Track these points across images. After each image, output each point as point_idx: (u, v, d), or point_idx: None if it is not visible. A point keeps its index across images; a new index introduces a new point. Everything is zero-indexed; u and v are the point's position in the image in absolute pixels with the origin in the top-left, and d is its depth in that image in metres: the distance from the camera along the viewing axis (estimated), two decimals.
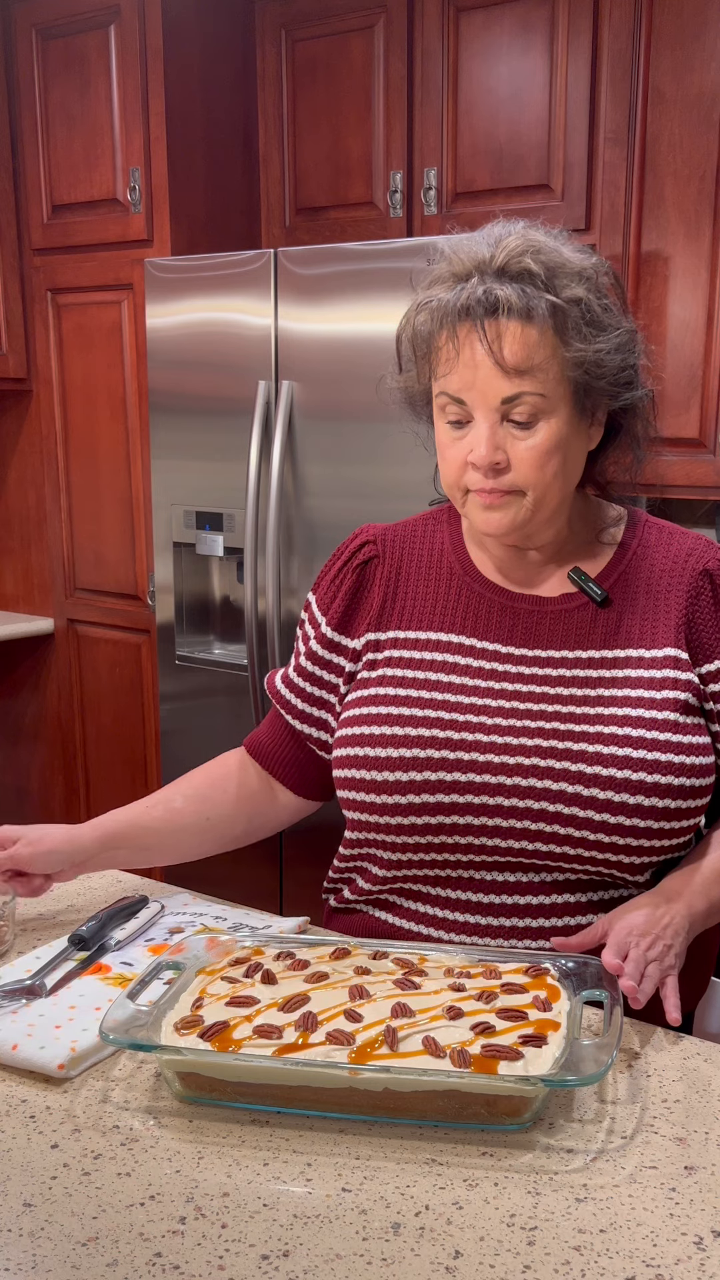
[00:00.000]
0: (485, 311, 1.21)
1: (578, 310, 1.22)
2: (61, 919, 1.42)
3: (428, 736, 1.29)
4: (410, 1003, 1.06)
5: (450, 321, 1.23)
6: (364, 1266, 0.85)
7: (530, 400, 1.22)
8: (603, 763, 1.24)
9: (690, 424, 2.62)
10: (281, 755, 1.48)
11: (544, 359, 1.21)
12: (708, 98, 2.50)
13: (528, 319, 1.20)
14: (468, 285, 1.22)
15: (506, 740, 1.27)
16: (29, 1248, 0.86)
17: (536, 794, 1.25)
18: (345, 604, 1.41)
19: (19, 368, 3.43)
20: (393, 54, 2.90)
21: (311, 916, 1.45)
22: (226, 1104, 1.03)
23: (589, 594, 1.32)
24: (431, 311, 1.25)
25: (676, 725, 1.26)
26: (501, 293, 1.20)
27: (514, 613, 1.34)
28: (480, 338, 1.21)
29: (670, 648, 1.30)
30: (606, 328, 1.25)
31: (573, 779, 1.24)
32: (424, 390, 1.32)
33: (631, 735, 1.25)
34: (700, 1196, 0.92)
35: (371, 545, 1.42)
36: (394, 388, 1.37)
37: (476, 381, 1.22)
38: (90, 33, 3.10)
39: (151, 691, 3.35)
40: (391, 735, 1.30)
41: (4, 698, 3.78)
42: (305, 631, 1.46)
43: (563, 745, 1.26)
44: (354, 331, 2.69)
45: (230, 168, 3.18)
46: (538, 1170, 0.95)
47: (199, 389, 2.96)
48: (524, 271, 1.22)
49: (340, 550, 1.45)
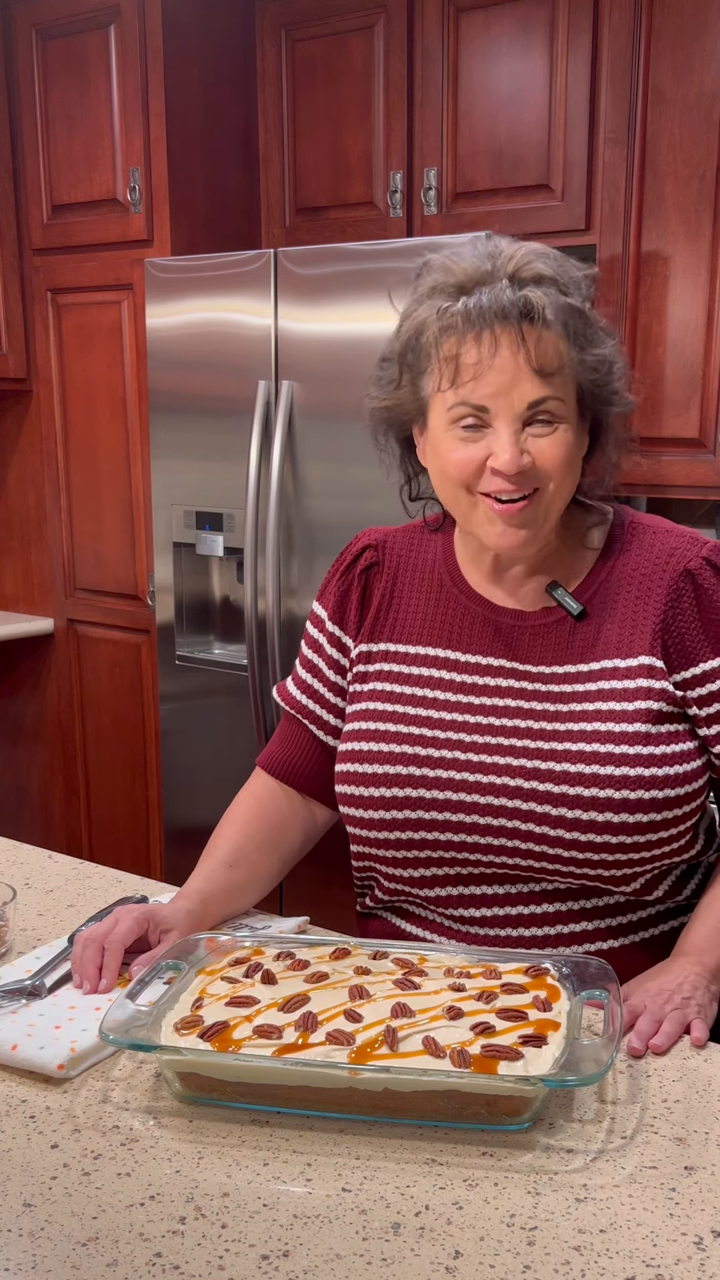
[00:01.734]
0: (520, 315, 1.18)
1: (582, 316, 1.22)
2: (61, 919, 1.42)
3: (409, 754, 1.30)
4: (410, 1003, 1.06)
5: (477, 327, 1.19)
6: (364, 1266, 0.85)
7: (553, 405, 1.21)
8: (571, 781, 1.24)
9: (690, 424, 2.62)
10: (312, 772, 1.44)
11: (563, 362, 1.21)
12: (708, 98, 2.50)
13: (550, 323, 1.19)
14: (488, 292, 1.19)
15: (482, 759, 1.28)
16: (29, 1248, 0.86)
17: (509, 813, 1.26)
18: (356, 610, 1.41)
19: (19, 368, 3.43)
20: (393, 54, 2.90)
21: (311, 916, 1.45)
22: (226, 1104, 1.03)
23: (566, 608, 1.31)
24: (448, 320, 1.20)
25: (648, 737, 1.25)
26: (533, 296, 1.18)
27: (496, 626, 1.33)
28: (517, 342, 1.18)
29: (644, 655, 1.27)
30: (603, 334, 1.25)
31: (542, 799, 1.25)
32: (419, 406, 1.28)
33: (600, 752, 1.24)
34: (700, 1196, 0.92)
35: (373, 551, 1.42)
36: (379, 406, 1.33)
37: (507, 387, 1.19)
38: (90, 33, 3.10)
39: (151, 691, 3.35)
40: (377, 752, 1.31)
41: (4, 698, 3.78)
42: (314, 638, 1.44)
43: (531, 765, 1.26)
44: (354, 331, 2.69)
45: (230, 168, 3.18)
46: (538, 1170, 0.95)
47: (199, 389, 2.96)
48: (539, 276, 1.20)
49: (343, 556, 1.45)
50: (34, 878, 1.55)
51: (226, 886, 1.37)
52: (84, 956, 1.22)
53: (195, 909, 1.32)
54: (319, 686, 1.43)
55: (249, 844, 1.41)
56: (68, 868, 1.58)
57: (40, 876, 1.55)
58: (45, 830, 3.78)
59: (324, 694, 1.43)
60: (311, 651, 1.45)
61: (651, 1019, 1.14)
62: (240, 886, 1.38)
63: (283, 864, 1.44)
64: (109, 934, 1.23)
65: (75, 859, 1.61)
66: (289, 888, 2.98)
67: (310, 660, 1.45)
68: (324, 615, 1.43)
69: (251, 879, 1.40)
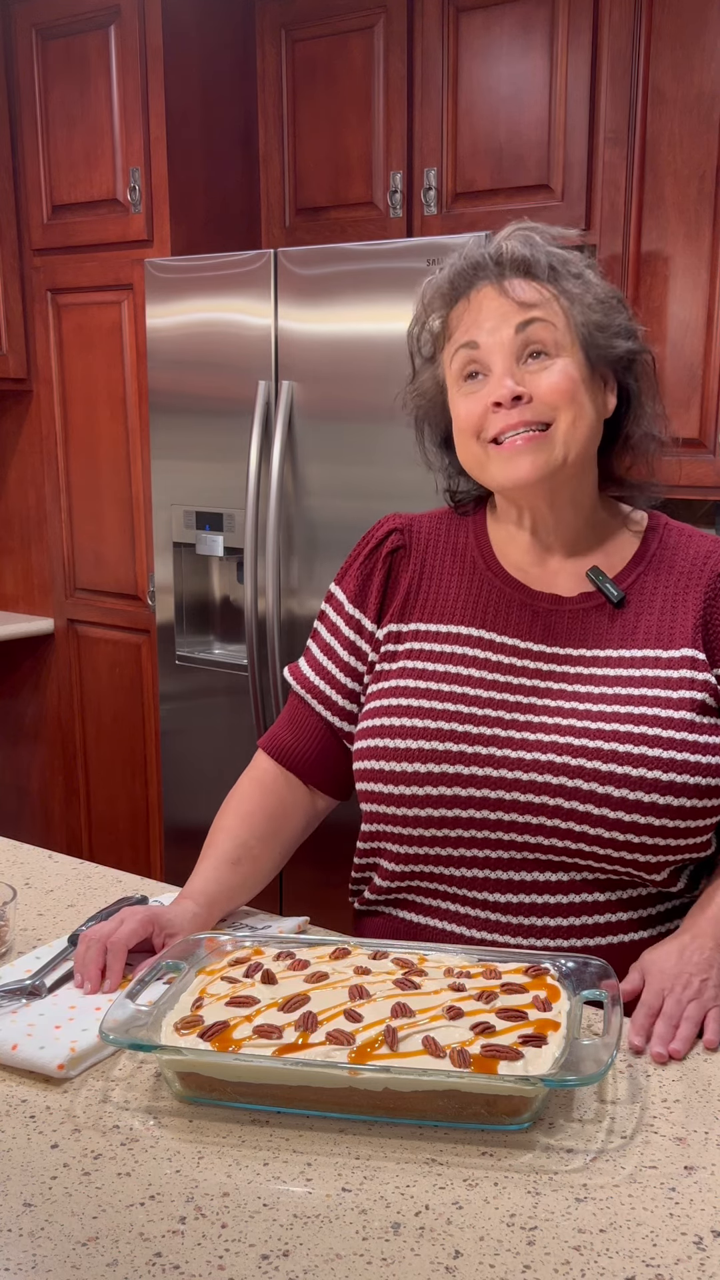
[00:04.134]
0: (494, 264, 1.28)
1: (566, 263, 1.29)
2: (61, 919, 1.42)
3: (446, 730, 1.28)
4: (410, 1003, 1.06)
5: (461, 288, 1.29)
6: (364, 1266, 0.85)
7: (542, 327, 1.26)
8: (619, 761, 1.23)
9: (690, 424, 2.62)
10: (317, 759, 1.43)
11: (549, 300, 1.27)
12: (708, 98, 2.50)
13: (533, 272, 1.27)
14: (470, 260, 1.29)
15: (524, 736, 1.26)
16: (29, 1248, 0.86)
17: (553, 790, 1.24)
18: (378, 594, 1.40)
19: (19, 368, 3.43)
20: (393, 54, 2.90)
21: (311, 916, 1.45)
22: (226, 1104, 1.03)
23: (606, 594, 1.32)
24: (443, 292, 1.31)
25: (693, 725, 1.26)
26: (505, 245, 1.28)
27: (533, 610, 1.34)
28: (498, 289, 1.26)
29: (687, 648, 1.29)
30: (594, 279, 1.31)
31: (589, 776, 1.24)
32: (437, 385, 1.34)
33: (649, 734, 1.25)
34: (700, 1196, 0.92)
35: (399, 534, 1.41)
36: (412, 405, 1.39)
37: (489, 320, 1.26)
38: (90, 33, 3.10)
39: (151, 691, 3.35)
40: (410, 727, 1.30)
41: (4, 698, 3.78)
42: (332, 621, 1.43)
43: (579, 742, 1.25)
44: (354, 331, 2.69)
45: (230, 168, 3.18)
46: (538, 1170, 0.95)
47: (199, 389, 2.96)
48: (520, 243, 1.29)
49: (366, 539, 1.44)
50: (34, 878, 1.55)
51: (230, 886, 1.36)
52: (87, 956, 1.21)
53: (200, 912, 1.31)
54: (332, 667, 1.42)
55: (251, 838, 1.40)
56: (68, 868, 1.58)
57: (40, 876, 1.55)
58: (45, 830, 3.78)
59: (336, 675, 1.42)
60: (328, 633, 1.44)
61: (669, 1022, 1.14)
62: (243, 883, 1.38)
63: (283, 855, 1.43)
64: (113, 934, 1.23)
65: (75, 859, 1.62)
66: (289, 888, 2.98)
67: (326, 642, 1.44)
68: (343, 598, 1.43)
69: (254, 874, 1.39)
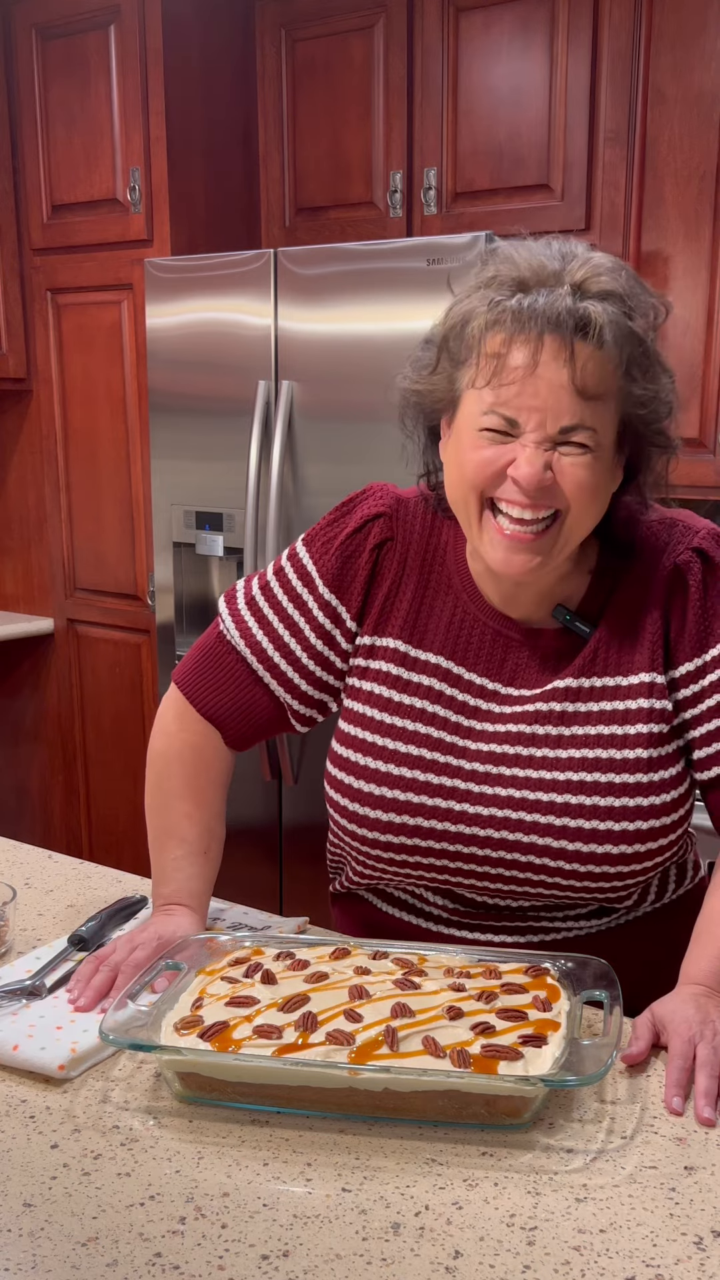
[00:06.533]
0: (576, 327, 1.09)
1: (642, 346, 1.14)
2: (62, 919, 1.42)
3: (407, 778, 1.25)
4: (410, 1003, 1.06)
5: (528, 330, 1.10)
6: (364, 1266, 0.85)
7: (586, 435, 1.12)
8: (571, 814, 1.22)
9: (690, 424, 2.62)
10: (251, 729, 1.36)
11: (610, 390, 1.12)
12: (708, 98, 2.50)
13: (608, 344, 1.10)
14: (547, 295, 1.11)
15: (482, 790, 1.24)
16: (29, 1248, 0.86)
17: (508, 845, 1.24)
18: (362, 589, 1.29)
19: (19, 368, 3.43)
20: (393, 54, 2.90)
21: (311, 916, 1.45)
22: (226, 1104, 1.03)
23: (579, 633, 1.25)
24: (498, 315, 1.12)
25: (650, 763, 1.22)
26: (594, 310, 1.10)
27: (507, 643, 1.27)
28: (565, 356, 1.09)
29: (645, 673, 1.23)
30: (660, 369, 1.17)
31: (541, 831, 1.23)
32: (451, 397, 1.19)
33: (601, 782, 1.22)
34: (700, 1196, 0.92)
35: (387, 522, 1.29)
36: (410, 389, 1.24)
37: (544, 402, 1.11)
38: (90, 33, 3.10)
39: (151, 691, 3.35)
40: (373, 770, 1.26)
41: (4, 698, 3.78)
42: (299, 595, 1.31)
43: (533, 796, 1.23)
44: (354, 331, 2.69)
45: (230, 168, 3.18)
46: (538, 1170, 0.95)
47: (199, 389, 2.96)
48: (606, 292, 1.12)
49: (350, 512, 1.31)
50: (34, 878, 1.55)
51: (209, 878, 1.36)
52: (96, 978, 1.19)
53: (198, 917, 1.32)
54: (298, 650, 1.31)
55: (213, 820, 1.36)
56: (68, 868, 1.58)
57: (40, 876, 1.55)
58: (45, 830, 3.78)
59: (303, 660, 1.31)
60: (294, 607, 1.31)
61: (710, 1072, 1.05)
62: (215, 869, 1.37)
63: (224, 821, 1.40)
64: (126, 960, 1.21)
65: (75, 859, 1.62)
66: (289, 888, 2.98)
67: (291, 618, 1.31)
68: (315, 574, 1.31)
69: (219, 855, 1.38)
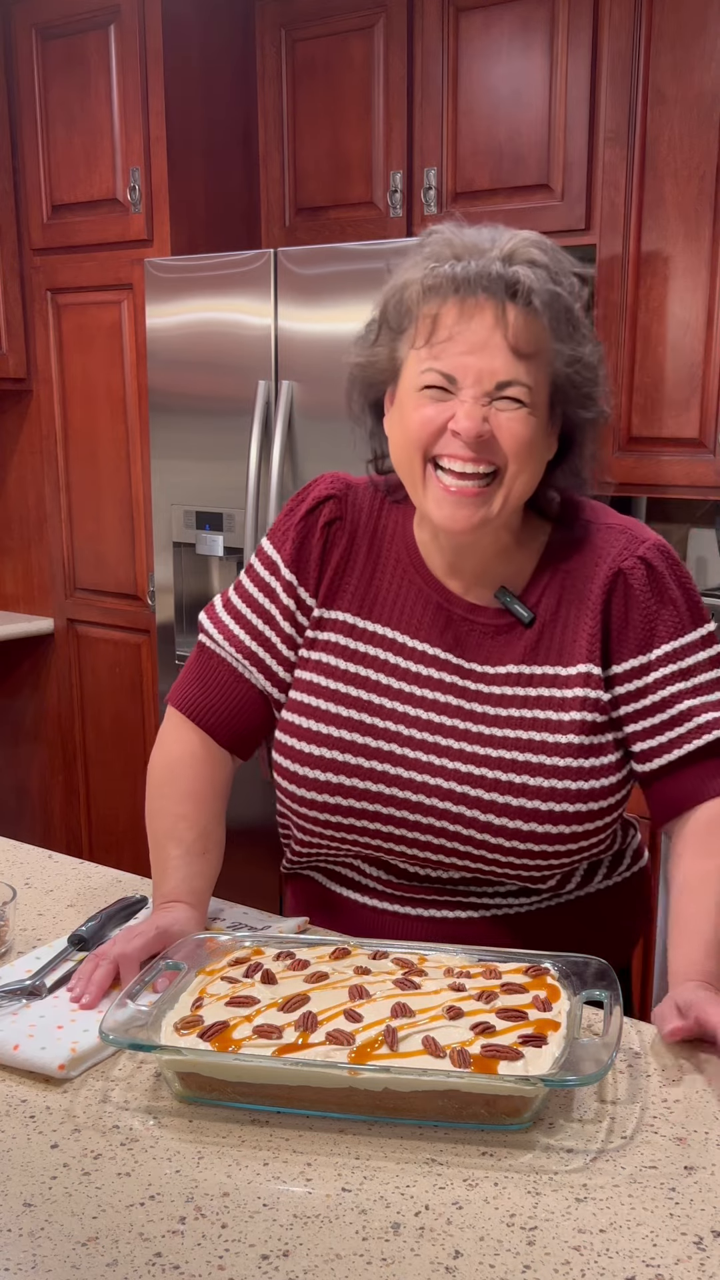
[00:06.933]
0: (506, 289, 1.18)
1: (568, 311, 1.21)
2: (62, 919, 1.42)
3: (346, 740, 1.29)
4: (410, 1003, 1.06)
5: (461, 292, 1.18)
6: (364, 1266, 0.85)
7: (520, 391, 1.19)
8: (502, 790, 1.25)
9: (690, 424, 2.62)
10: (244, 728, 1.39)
11: (541, 349, 1.20)
12: (708, 98, 2.50)
13: (535, 307, 1.18)
14: (478, 261, 1.19)
15: (418, 755, 1.28)
16: (29, 1248, 0.86)
17: (438, 813, 1.27)
18: (316, 566, 1.34)
19: (19, 368, 3.43)
20: (393, 54, 2.90)
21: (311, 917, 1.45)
22: (226, 1104, 1.03)
23: (517, 616, 1.30)
24: (435, 280, 1.20)
25: (581, 748, 1.26)
26: (523, 274, 1.18)
27: (449, 616, 1.31)
28: (498, 316, 1.18)
29: (583, 664, 1.28)
30: (587, 336, 1.24)
31: (472, 804, 1.26)
32: (393, 367, 1.26)
33: (532, 762, 1.25)
34: (700, 1196, 0.92)
35: (336, 503, 1.35)
36: (354, 363, 1.31)
37: (478, 360, 1.18)
38: (90, 33, 3.10)
39: (151, 691, 3.35)
40: (315, 732, 1.30)
41: (4, 698, 3.78)
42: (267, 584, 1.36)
43: (466, 769, 1.27)
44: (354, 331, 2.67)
45: (230, 168, 3.18)
46: (538, 1170, 0.95)
47: (199, 389, 2.96)
48: (532, 260, 1.20)
49: (302, 498, 1.37)
50: (34, 878, 1.55)
51: (208, 878, 1.36)
52: (96, 974, 1.18)
53: (197, 913, 1.32)
54: (272, 636, 1.35)
55: (210, 822, 1.37)
56: (68, 868, 1.58)
57: (40, 876, 1.55)
58: (45, 830, 3.78)
59: (278, 646, 1.35)
60: (264, 597, 1.36)
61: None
62: (214, 870, 1.38)
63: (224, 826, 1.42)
64: (124, 951, 1.20)
65: (75, 859, 1.62)
66: None
67: (262, 607, 1.36)
68: (278, 560, 1.35)
69: (218, 858, 1.38)
